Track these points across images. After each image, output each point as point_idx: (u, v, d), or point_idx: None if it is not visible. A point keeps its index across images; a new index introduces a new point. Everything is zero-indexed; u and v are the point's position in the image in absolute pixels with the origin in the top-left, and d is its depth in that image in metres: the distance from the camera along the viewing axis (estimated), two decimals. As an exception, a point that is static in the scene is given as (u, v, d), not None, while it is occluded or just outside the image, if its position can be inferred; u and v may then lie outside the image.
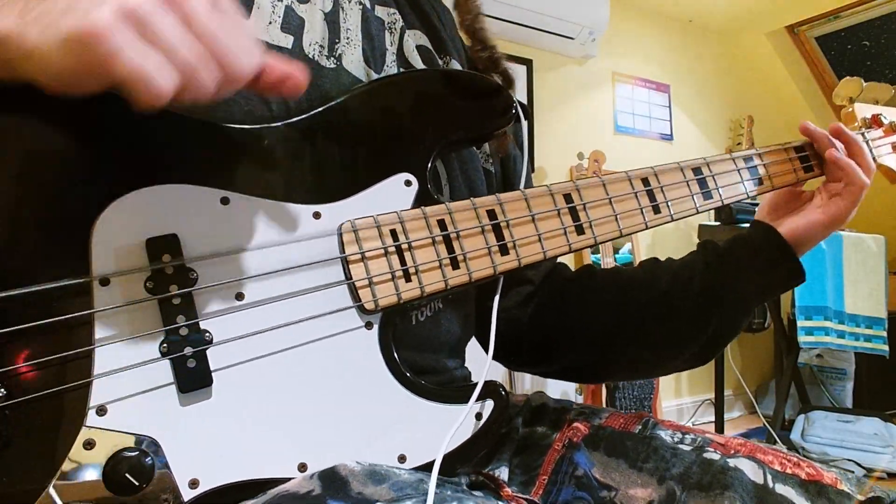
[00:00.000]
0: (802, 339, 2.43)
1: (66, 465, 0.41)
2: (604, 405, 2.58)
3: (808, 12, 3.38)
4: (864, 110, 0.88)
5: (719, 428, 2.77)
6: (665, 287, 0.73)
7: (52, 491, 0.40)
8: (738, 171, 0.72)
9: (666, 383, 3.19)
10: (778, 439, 2.59)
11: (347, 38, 0.62)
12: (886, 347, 2.47)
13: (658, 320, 0.73)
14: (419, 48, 0.69)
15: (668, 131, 3.43)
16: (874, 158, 0.80)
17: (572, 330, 0.77)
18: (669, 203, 0.66)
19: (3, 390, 0.40)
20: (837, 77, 3.69)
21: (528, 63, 2.92)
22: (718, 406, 2.79)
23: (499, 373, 2.44)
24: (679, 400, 3.32)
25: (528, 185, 0.73)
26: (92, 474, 0.42)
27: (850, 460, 2.43)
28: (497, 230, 0.58)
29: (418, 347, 0.62)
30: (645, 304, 0.73)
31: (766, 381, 3.49)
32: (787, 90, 3.82)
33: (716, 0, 3.29)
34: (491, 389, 0.55)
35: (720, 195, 0.69)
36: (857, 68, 3.60)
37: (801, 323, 2.43)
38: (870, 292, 2.51)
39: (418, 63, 0.68)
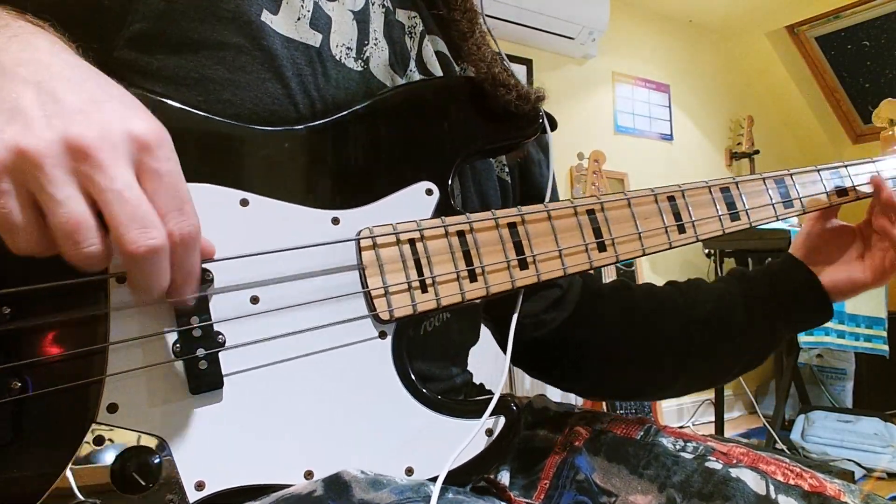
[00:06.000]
0: (802, 339, 2.44)
1: (76, 460, 0.41)
2: (604, 406, 2.58)
3: (808, 12, 3.38)
4: None
5: (719, 428, 2.77)
6: (705, 318, 0.72)
7: (68, 473, 0.41)
8: (768, 191, 0.69)
9: (666, 383, 3.19)
10: (778, 439, 2.59)
11: (375, 40, 0.61)
12: (886, 347, 2.47)
13: (695, 350, 0.72)
14: (438, 54, 0.68)
15: (668, 131, 3.43)
16: None
17: (608, 346, 0.74)
18: (695, 223, 0.64)
19: (18, 383, 0.41)
20: (837, 77, 3.70)
21: (528, 63, 2.92)
22: (718, 406, 2.79)
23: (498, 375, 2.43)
24: (679, 400, 3.32)
25: (555, 192, 0.72)
26: (100, 471, 0.42)
27: (850, 460, 2.43)
28: (517, 244, 0.57)
29: (425, 357, 0.62)
30: (683, 331, 0.72)
31: (766, 381, 3.50)
32: (787, 90, 3.82)
33: (716, 0, 3.30)
34: (503, 405, 0.54)
35: (748, 217, 0.67)
36: (857, 68, 3.60)
37: (801, 323, 2.43)
38: (870, 292, 2.51)
39: (437, 70, 0.67)
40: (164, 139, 0.39)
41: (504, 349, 0.77)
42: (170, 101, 0.48)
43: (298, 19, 0.55)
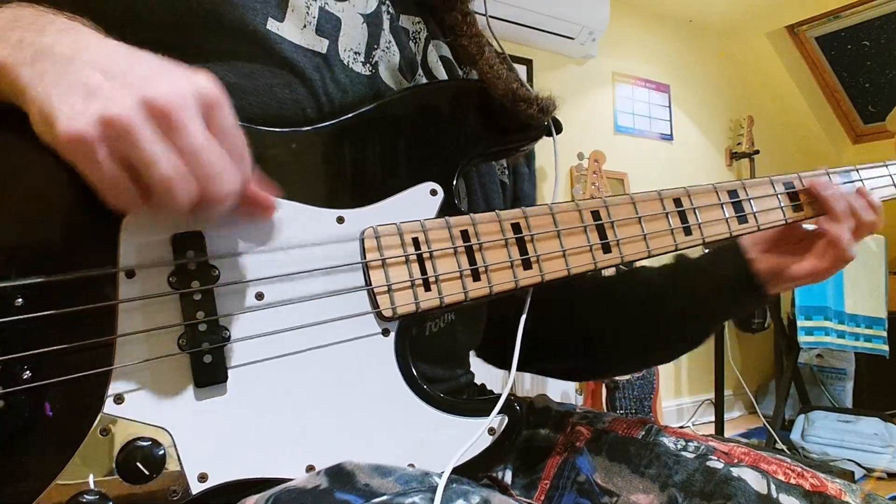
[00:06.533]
0: (802, 339, 2.44)
1: (82, 450, 0.42)
2: (604, 406, 2.58)
3: (808, 12, 3.39)
4: None
5: (719, 428, 2.78)
6: (642, 305, 0.75)
7: (74, 463, 0.42)
8: (777, 195, 0.69)
9: (666, 384, 3.20)
10: (778, 439, 2.59)
11: (388, 43, 0.62)
12: (886, 347, 2.47)
13: (635, 330, 0.75)
14: (442, 59, 0.68)
15: (668, 131, 3.43)
16: None
17: (558, 336, 0.77)
18: (702, 225, 0.64)
19: (28, 373, 0.41)
20: (837, 77, 3.70)
21: (528, 63, 2.92)
22: (718, 406, 2.79)
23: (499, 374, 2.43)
24: (679, 400, 3.33)
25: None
26: (105, 461, 0.42)
27: (850, 460, 2.43)
28: (521, 244, 0.57)
29: (430, 359, 0.62)
30: (625, 315, 0.75)
31: (766, 381, 3.50)
32: (787, 90, 3.83)
33: (716, 0, 3.30)
34: (506, 404, 0.54)
35: (756, 220, 0.67)
36: (857, 68, 3.61)
37: (801, 323, 2.44)
38: (870, 292, 2.52)
39: (442, 75, 0.67)
40: (225, 96, 0.43)
41: (485, 351, 0.78)
42: None
43: (304, 26, 0.56)
